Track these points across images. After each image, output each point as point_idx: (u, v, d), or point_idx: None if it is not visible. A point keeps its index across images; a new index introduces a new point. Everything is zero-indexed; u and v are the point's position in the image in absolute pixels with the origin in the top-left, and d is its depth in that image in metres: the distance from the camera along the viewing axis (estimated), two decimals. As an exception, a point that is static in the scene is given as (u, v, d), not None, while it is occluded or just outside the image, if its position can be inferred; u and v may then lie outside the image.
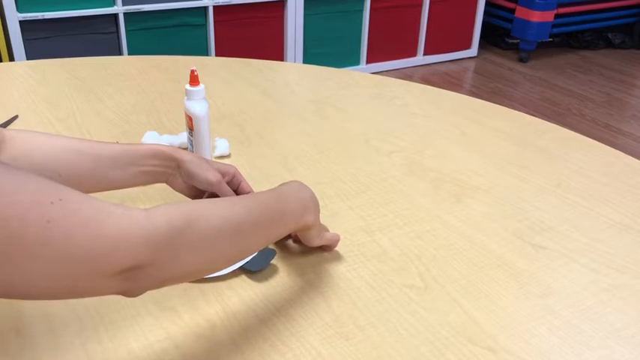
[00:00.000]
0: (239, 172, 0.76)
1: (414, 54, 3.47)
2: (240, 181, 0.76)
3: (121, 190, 0.72)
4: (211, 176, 0.71)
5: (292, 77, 1.33)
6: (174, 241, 0.47)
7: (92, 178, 0.69)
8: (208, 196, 0.75)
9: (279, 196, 0.62)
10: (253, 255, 0.68)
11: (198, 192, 0.75)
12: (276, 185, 0.64)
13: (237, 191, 0.75)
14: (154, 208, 0.48)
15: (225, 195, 0.72)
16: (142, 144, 0.73)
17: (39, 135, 0.68)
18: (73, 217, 0.41)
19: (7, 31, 2.38)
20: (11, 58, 2.44)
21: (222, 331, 0.60)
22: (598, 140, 1.05)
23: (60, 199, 0.41)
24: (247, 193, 0.76)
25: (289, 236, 0.74)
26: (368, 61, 3.31)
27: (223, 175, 0.73)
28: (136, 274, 0.45)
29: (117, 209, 0.44)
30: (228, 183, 0.74)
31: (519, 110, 1.19)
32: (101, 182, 0.70)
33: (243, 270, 0.68)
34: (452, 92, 1.26)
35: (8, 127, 1.02)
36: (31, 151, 0.66)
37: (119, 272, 0.44)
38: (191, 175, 0.72)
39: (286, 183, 0.66)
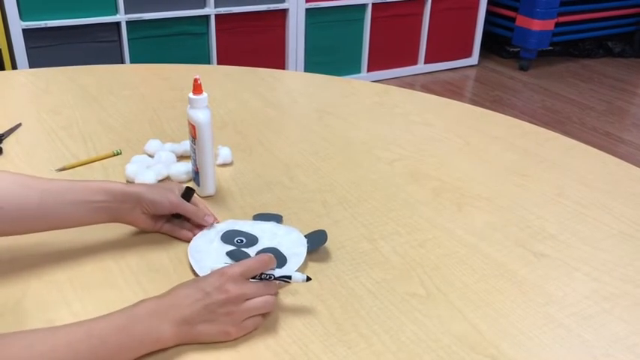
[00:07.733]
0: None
1: (414, 62, 3.47)
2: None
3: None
4: (173, 198, 0.73)
5: (294, 85, 1.34)
6: None
7: (38, 212, 0.67)
8: (168, 220, 0.76)
9: (124, 327, 0.56)
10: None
11: (158, 220, 0.75)
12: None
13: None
14: None
15: (189, 212, 0.74)
16: (92, 180, 0.72)
17: None
18: None
19: (10, 39, 2.39)
20: (14, 67, 2.45)
21: (225, 339, 0.60)
22: (599, 148, 1.05)
23: None
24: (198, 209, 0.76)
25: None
26: (369, 70, 3.32)
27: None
28: None
29: None
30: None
31: (520, 118, 1.19)
32: (49, 218, 0.68)
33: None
34: (453, 100, 1.27)
35: (11, 134, 1.02)
36: None
37: None
38: (154, 203, 0.72)
39: (143, 302, 0.58)
